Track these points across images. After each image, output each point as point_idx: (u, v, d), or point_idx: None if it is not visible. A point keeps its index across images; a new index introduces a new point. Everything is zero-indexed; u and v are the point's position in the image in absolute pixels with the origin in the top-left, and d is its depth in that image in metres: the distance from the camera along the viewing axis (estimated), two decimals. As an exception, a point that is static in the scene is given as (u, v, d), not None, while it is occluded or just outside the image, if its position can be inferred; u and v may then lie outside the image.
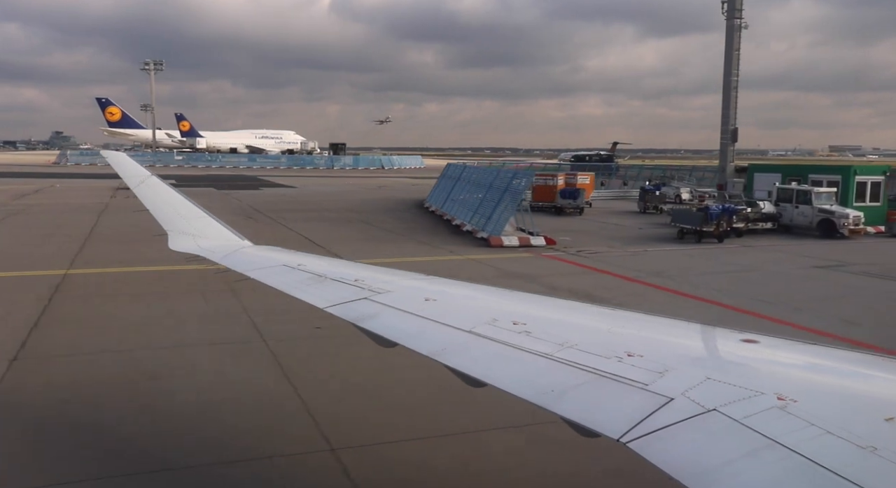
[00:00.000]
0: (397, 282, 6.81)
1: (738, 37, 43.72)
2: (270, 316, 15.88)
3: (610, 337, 4.85)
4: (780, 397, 3.47)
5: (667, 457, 3.23)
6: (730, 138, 44.60)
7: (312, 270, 7.28)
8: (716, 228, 31.55)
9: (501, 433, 9.99)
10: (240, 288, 17.33)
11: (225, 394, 11.53)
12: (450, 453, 9.46)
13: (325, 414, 10.55)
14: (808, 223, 34.38)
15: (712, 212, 31.96)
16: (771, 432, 3.19)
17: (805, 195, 34.92)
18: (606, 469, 8.76)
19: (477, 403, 9.79)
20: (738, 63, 43.85)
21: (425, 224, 37.68)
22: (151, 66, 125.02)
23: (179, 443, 9.68)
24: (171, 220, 9.65)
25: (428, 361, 4.89)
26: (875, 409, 3.33)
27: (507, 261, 25.86)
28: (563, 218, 41.85)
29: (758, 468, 3.03)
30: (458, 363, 4.76)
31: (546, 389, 4.09)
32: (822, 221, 33.90)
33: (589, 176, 51.94)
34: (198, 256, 8.52)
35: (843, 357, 4.33)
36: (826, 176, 38.48)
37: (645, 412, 3.60)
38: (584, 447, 8.82)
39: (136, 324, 15.73)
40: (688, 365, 4.12)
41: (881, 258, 28.18)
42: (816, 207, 34.07)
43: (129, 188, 11.36)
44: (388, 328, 5.52)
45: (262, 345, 14.29)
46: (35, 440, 9.65)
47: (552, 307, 6.09)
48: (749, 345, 4.46)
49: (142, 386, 11.81)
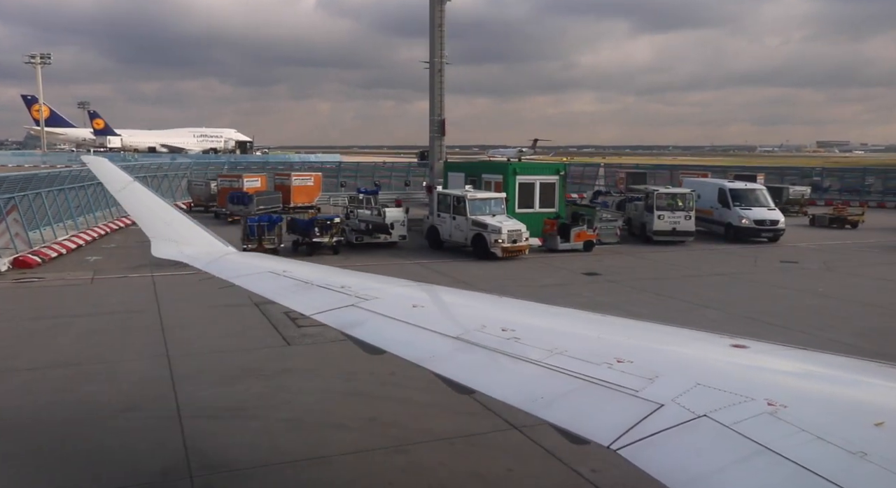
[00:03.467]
0: (384, 288, 6.77)
1: (440, 10, 34.39)
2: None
3: (599, 343, 4.84)
4: (771, 403, 3.47)
5: (657, 464, 3.22)
6: (437, 131, 35.88)
7: (298, 277, 7.22)
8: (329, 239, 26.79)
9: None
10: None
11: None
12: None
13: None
14: (464, 239, 26.99)
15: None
16: (761, 438, 3.18)
17: (459, 202, 27.25)
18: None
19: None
20: (444, 42, 34.93)
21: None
22: (38, 60, 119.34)
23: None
24: (155, 227, 9.53)
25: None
26: (864, 414, 3.33)
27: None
28: (226, 226, 33.45)
29: (748, 474, 3.02)
30: (445, 370, 4.72)
31: (535, 396, 4.06)
32: (476, 237, 26.29)
33: (314, 176, 44.56)
34: (181, 263, 8.43)
35: (833, 362, 4.34)
36: (492, 176, 31.96)
37: (635, 418, 3.58)
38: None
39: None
40: (678, 371, 4.11)
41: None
42: (471, 219, 26.50)
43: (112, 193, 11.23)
44: (376, 335, 5.47)
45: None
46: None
47: (541, 313, 6.07)
48: (739, 350, 4.46)
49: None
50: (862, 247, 31.16)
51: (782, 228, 32.54)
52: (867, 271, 24.98)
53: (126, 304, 18.53)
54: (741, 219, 32.40)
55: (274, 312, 16.55)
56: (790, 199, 46.10)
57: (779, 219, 32.60)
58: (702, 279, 23.47)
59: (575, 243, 28.54)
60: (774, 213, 33.00)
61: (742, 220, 32.38)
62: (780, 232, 32.51)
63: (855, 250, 30.43)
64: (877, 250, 30.41)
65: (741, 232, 32.39)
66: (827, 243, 32.64)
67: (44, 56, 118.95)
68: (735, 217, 32.67)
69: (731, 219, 32.93)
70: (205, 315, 17.11)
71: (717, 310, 18.29)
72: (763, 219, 32.44)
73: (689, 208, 31.43)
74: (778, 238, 32.55)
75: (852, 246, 31.82)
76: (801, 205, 45.96)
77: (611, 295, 20.44)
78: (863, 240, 33.64)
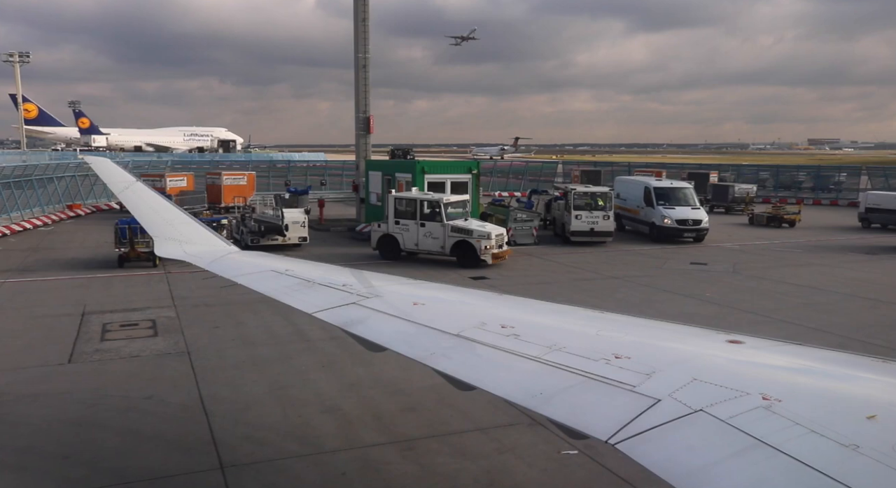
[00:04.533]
0: (385, 286, 6.82)
1: (363, 3, 34.28)
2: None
3: (598, 339, 4.90)
4: (765, 397, 3.52)
5: (654, 458, 3.28)
6: (363, 128, 35.18)
7: (300, 275, 7.28)
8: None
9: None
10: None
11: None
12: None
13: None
14: (440, 247, 24.66)
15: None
16: (756, 432, 3.24)
17: (433, 207, 24.75)
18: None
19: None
20: (367, 37, 34.65)
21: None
22: (16, 58, 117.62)
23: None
24: (157, 226, 9.61)
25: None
26: (857, 408, 3.39)
27: None
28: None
29: (744, 467, 3.08)
30: (446, 366, 4.78)
31: (535, 392, 4.12)
32: (458, 244, 24.27)
33: (247, 175, 42.33)
34: (184, 262, 8.49)
35: (826, 357, 4.40)
36: (404, 175, 30.19)
37: (633, 413, 3.64)
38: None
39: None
40: (674, 366, 4.17)
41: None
42: (449, 225, 24.38)
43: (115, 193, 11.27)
44: (377, 332, 5.53)
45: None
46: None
47: (540, 310, 6.13)
48: (734, 345, 4.52)
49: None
50: (785, 248, 29.82)
51: (706, 228, 31.05)
52: (772, 274, 23.77)
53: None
54: (664, 219, 31.02)
55: (92, 324, 15.94)
56: (735, 198, 45.09)
57: (702, 219, 31.05)
58: (591, 283, 21.98)
59: None
60: (698, 213, 31.42)
61: (665, 220, 31.00)
62: (703, 232, 31.10)
63: (775, 251, 29.11)
64: (799, 251, 29.15)
65: (664, 232, 31.04)
66: (754, 243, 31.29)
67: (22, 54, 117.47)
68: (658, 216, 31.33)
69: (654, 219, 31.59)
70: (15, 326, 15.89)
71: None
72: (685, 218, 30.91)
73: (608, 208, 29.81)
74: (702, 238, 31.09)
75: (777, 246, 30.49)
76: (746, 203, 44.49)
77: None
78: (792, 240, 32.42)
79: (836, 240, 32.74)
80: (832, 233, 35.83)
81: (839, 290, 21.08)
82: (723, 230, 35.40)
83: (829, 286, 21.69)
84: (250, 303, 16.88)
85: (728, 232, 35.22)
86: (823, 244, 31.44)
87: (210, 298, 18.36)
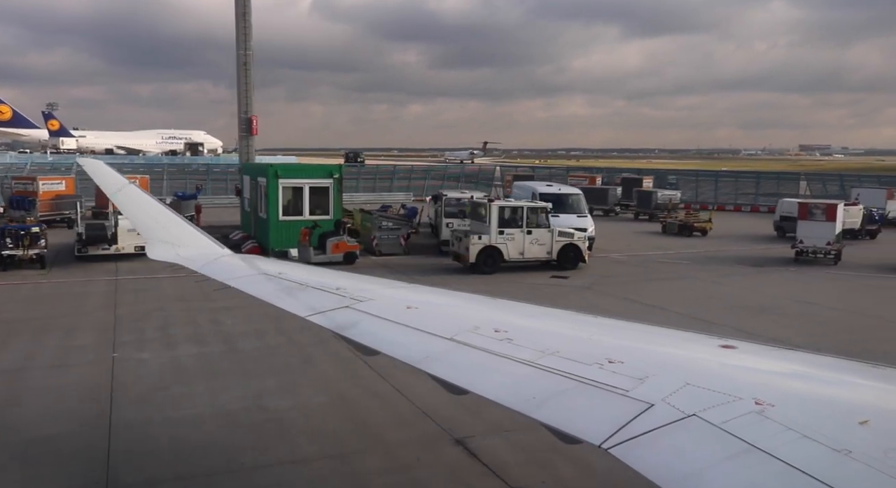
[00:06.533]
0: (379, 290, 6.80)
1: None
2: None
3: (591, 344, 4.89)
4: (758, 402, 3.52)
5: (647, 463, 3.27)
6: (245, 129, 33.87)
7: (293, 279, 7.24)
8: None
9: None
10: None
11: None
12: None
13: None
14: (546, 253, 24.81)
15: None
16: (749, 436, 3.24)
17: (536, 213, 24.92)
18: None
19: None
20: (249, 33, 33.55)
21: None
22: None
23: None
24: (150, 229, 9.55)
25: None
26: (849, 413, 3.40)
27: None
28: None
29: (737, 472, 3.07)
30: (439, 370, 4.76)
31: (528, 396, 4.11)
32: (565, 248, 24.86)
33: (66, 180, 39.20)
34: (177, 265, 8.44)
35: (819, 362, 4.41)
36: (262, 178, 28.79)
37: (626, 418, 3.63)
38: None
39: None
40: (667, 371, 4.16)
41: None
42: (556, 230, 24.96)
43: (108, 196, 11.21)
44: (370, 336, 5.51)
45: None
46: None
47: (534, 315, 6.12)
48: (727, 350, 4.52)
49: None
50: (674, 260, 28.39)
51: (591, 237, 28.42)
52: (629, 289, 21.92)
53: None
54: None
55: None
56: (658, 204, 44.32)
57: (586, 228, 28.46)
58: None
59: (333, 255, 24.99)
60: (584, 221, 29.29)
61: None
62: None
63: (659, 263, 27.55)
64: (686, 263, 27.55)
65: None
66: (646, 254, 29.75)
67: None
68: None
69: None
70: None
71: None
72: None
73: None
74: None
75: (670, 256, 29.09)
76: (668, 210, 42.89)
77: (249, 323, 16.29)
78: (691, 250, 31.05)
79: (737, 251, 31.06)
80: (742, 242, 34.03)
81: (684, 309, 19.04)
82: (626, 239, 33.73)
83: (676, 304, 19.67)
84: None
85: (629, 241, 33.55)
86: (720, 255, 29.90)
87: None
